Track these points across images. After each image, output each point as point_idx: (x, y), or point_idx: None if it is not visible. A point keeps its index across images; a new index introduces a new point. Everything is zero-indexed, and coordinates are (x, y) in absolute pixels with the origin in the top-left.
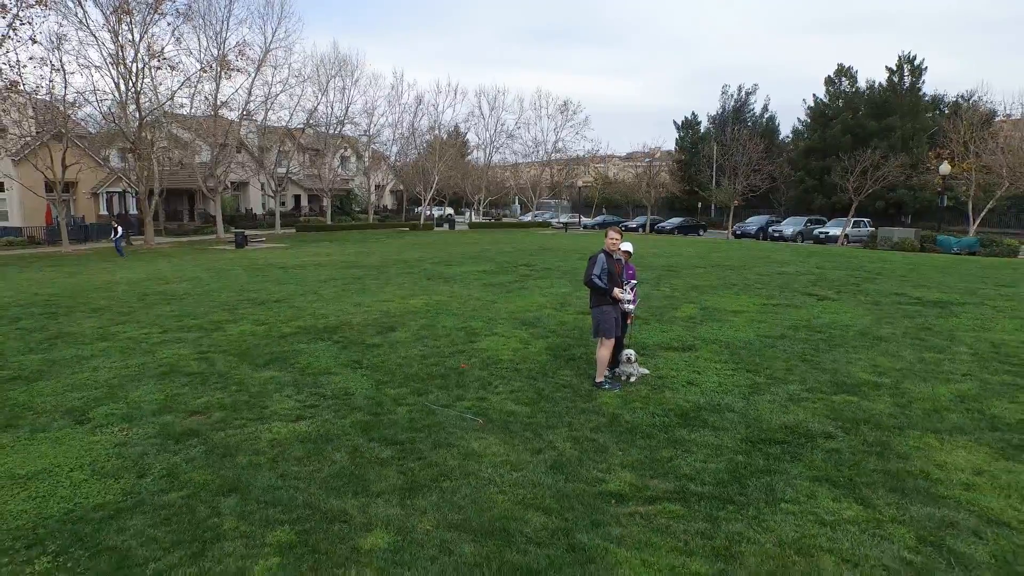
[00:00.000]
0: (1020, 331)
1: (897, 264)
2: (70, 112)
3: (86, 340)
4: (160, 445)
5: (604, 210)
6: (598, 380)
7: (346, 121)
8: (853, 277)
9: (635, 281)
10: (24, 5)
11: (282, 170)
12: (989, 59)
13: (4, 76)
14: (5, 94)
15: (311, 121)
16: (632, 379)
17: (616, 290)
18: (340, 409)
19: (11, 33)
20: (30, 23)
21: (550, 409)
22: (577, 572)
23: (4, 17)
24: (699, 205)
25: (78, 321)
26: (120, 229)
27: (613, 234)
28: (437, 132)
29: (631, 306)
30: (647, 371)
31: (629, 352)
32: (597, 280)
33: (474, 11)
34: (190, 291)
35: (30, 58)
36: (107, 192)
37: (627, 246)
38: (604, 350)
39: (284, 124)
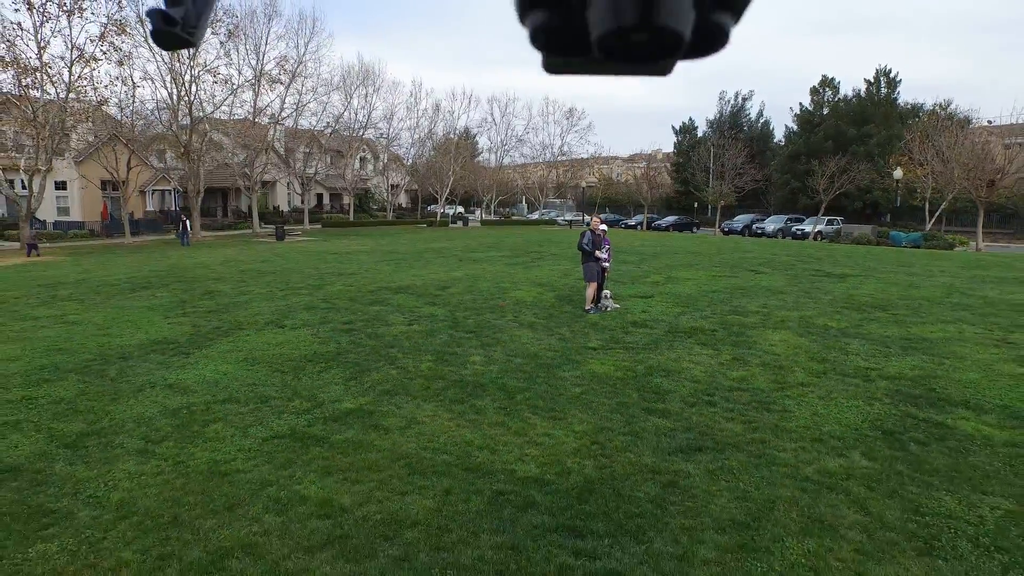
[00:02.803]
0: (875, 290)
1: (839, 253)
2: (137, 121)
3: (232, 295)
4: (338, 334)
5: (607, 209)
6: (586, 308)
7: (368, 125)
8: (795, 261)
9: (609, 246)
10: (114, 34)
11: (310, 171)
12: (987, 60)
13: (99, 94)
14: (95, 109)
15: (336, 126)
16: (608, 309)
17: (597, 251)
18: (433, 321)
19: (99, 54)
20: (120, 48)
21: (557, 320)
22: (569, 365)
23: (102, 45)
24: (695, 205)
25: (212, 286)
26: (188, 223)
27: (595, 218)
28: (452, 136)
29: (606, 263)
30: (619, 306)
31: (606, 291)
32: (585, 246)
33: (486, 12)
34: (274, 268)
35: (115, 77)
36: (153, 190)
37: (603, 227)
38: (590, 290)
39: (312, 127)
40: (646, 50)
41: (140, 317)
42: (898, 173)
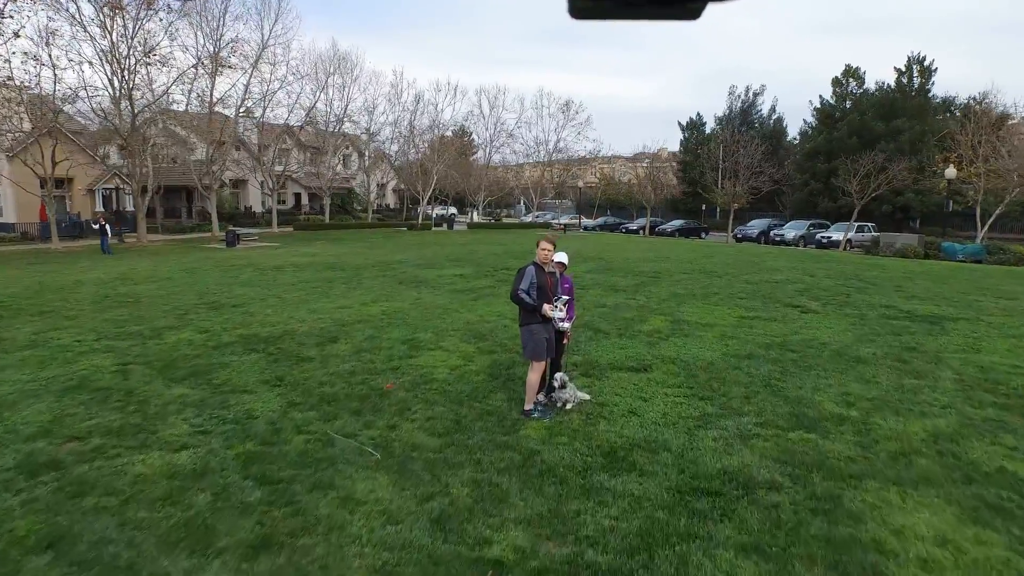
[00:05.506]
0: (1013, 353)
1: (894, 272)
2: (63, 107)
3: (12, 348)
4: (8, 482)
5: (608, 211)
6: (527, 408)
7: (345, 119)
8: (845, 287)
9: (571, 297)
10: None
11: (280, 168)
12: (1003, 61)
13: None
14: None
15: (310, 118)
16: (568, 406)
17: (546, 306)
18: (233, 436)
19: None
20: (12, 16)
21: (462, 442)
22: None
23: None
24: (703, 207)
25: (17, 326)
26: (108, 227)
27: (545, 244)
28: (437, 131)
29: (565, 324)
30: (587, 396)
31: (561, 376)
32: (525, 296)
33: (491, 11)
34: (152, 293)
35: (25, 52)
36: (103, 189)
37: (561, 257)
38: (534, 374)
39: (283, 121)
40: None
41: None
42: (951, 172)
